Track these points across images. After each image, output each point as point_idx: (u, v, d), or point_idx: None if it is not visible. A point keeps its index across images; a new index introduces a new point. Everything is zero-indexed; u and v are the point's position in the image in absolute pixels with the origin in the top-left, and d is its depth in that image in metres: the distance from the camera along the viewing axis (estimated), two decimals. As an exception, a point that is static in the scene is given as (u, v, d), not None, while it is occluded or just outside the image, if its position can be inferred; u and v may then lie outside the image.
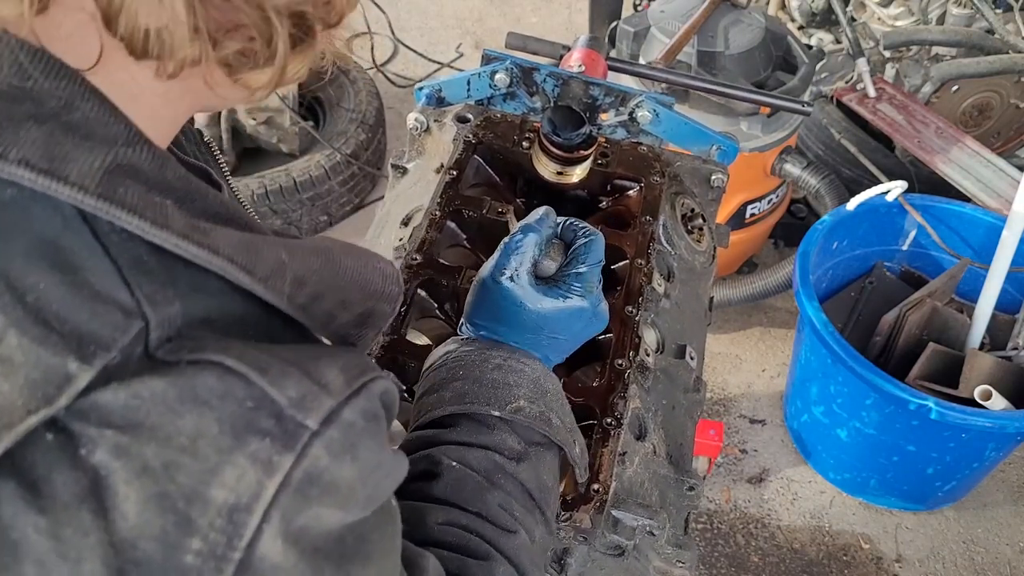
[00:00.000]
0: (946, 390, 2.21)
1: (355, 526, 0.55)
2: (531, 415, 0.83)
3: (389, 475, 0.58)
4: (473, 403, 0.83)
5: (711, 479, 2.55)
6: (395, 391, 0.60)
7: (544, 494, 0.84)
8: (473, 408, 0.83)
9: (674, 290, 1.23)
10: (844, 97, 2.81)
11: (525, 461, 0.83)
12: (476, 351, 0.87)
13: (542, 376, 0.87)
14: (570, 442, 0.87)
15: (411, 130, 1.37)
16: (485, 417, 0.83)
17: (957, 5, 3.00)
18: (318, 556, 0.52)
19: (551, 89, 1.21)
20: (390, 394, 0.59)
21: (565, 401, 0.90)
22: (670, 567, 0.98)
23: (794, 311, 2.61)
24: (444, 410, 0.83)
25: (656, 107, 1.24)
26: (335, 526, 0.53)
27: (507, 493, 0.81)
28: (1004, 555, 2.45)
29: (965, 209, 2.53)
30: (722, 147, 1.35)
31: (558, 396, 0.89)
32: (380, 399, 0.57)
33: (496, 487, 0.80)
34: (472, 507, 0.79)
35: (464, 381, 0.85)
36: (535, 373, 0.87)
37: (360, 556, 0.56)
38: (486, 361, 0.86)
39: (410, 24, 4.21)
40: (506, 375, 0.85)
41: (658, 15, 2.52)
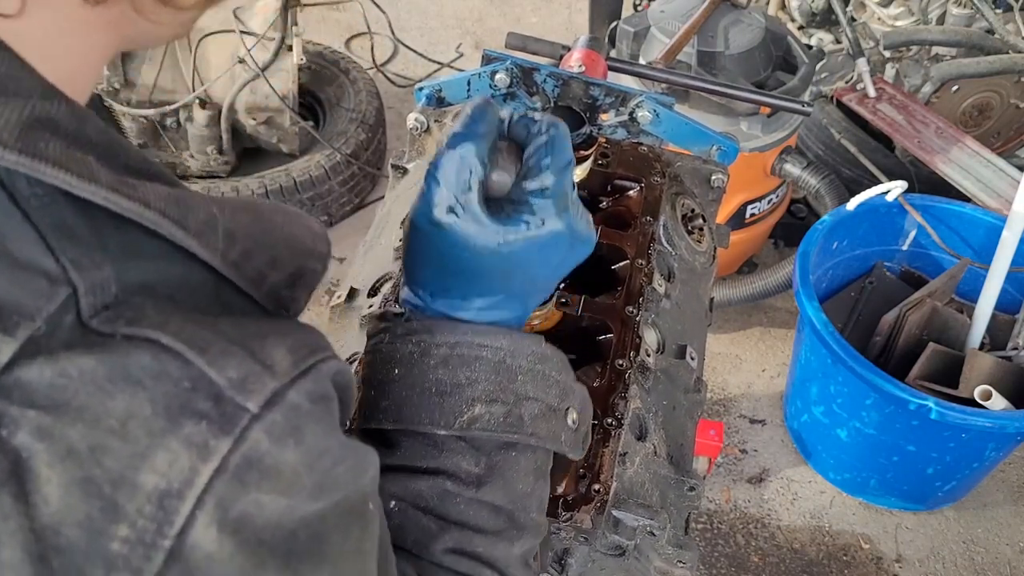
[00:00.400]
0: (946, 390, 2.21)
1: (310, 522, 0.50)
2: (492, 423, 0.67)
3: (342, 463, 0.52)
4: (412, 421, 0.67)
5: (711, 479, 2.55)
6: (349, 372, 0.55)
7: (520, 502, 0.70)
8: (413, 427, 0.67)
9: (674, 290, 1.23)
10: (844, 97, 2.81)
11: (489, 480, 0.68)
12: (414, 338, 0.69)
13: (509, 353, 0.69)
14: (553, 432, 0.70)
15: (411, 130, 1.37)
16: (430, 436, 0.68)
17: (957, 5, 3.00)
18: (261, 549, 0.48)
19: (551, 89, 1.21)
20: (344, 375, 0.54)
21: (548, 364, 0.71)
22: (671, 567, 0.98)
23: (794, 311, 2.61)
24: (379, 423, 0.68)
25: (656, 107, 1.24)
26: (283, 518, 0.49)
27: (464, 527, 0.68)
28: (1004, 555, 2.45)
29: (965, 209, 2.53)
30: (722, 147, 1.35)
31: (534, 367, 0.70)
32: (332, 380, 0.53)
33: (450, 526, 0.67)
34: (423, 556, 0.67)
35: (400, 385, 0.68)
36: (498, 353, 0.68)
37: (314, 556, 0.51)
38: (427, 355, 0.68)
39: (410, 24, 4.21)
40: (455, 372, 0.67)
41: (658, 15, 2.52)
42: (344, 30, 4.14)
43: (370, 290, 1.16)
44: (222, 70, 2.98)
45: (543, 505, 0.74)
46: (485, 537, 0.68)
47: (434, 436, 0.67)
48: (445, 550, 0.67)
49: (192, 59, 3.00)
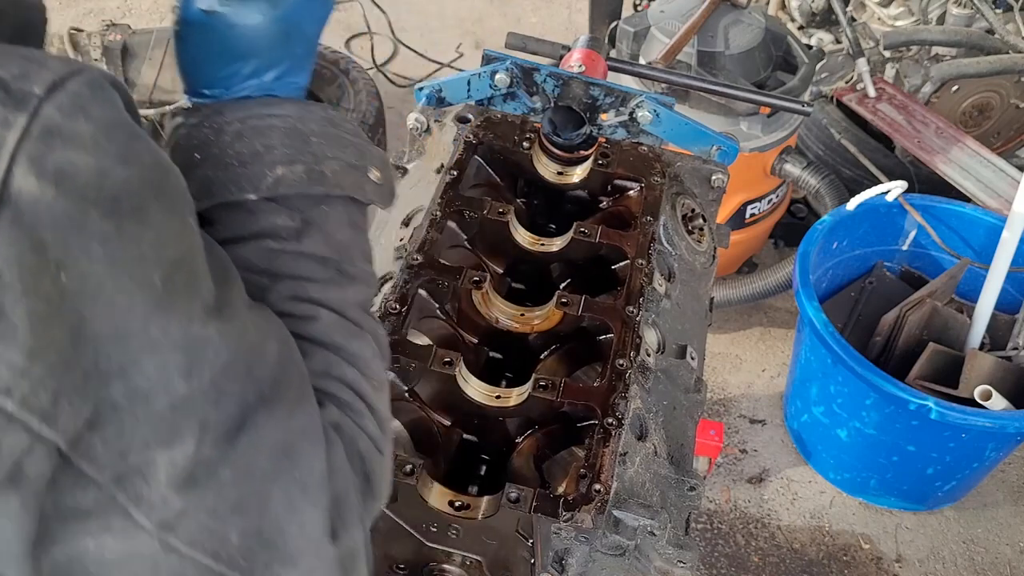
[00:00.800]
0: (946, 390, 2.21)
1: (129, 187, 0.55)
2: (296, 181, 0.71)
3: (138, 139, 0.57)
4: (222, 195, 0.70)
5: (711, 479, 2.55)
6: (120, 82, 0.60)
7: (343, 252, 0.75)
8: (224, 198, 0.71)
9: (675, 290, 1.23)
10: (844, 97, 2.81)
11: (307, 233, 0.72)
12: (206, 122, 0.73)
13: (298, 119, 0.73)
14: (357, 183, 0.75)
15: (411, 130, 1.37)
16: (242, 204, 0.71)
17: (957, 5, 3.00)
18: (84, 202, 0.53)
19: (551, 89, 1.21)
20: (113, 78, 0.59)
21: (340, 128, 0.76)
22: (671, 567, 0.98)
23: (794, 311, 2.61)
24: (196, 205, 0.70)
25: (656, 107, 1.24)
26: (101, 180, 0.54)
27: (296, 278, 0.72)
28: (1004, 555, 2.45)
29: (965, 209, 2.53)
30: (722, 147, 1.35)
31: (326, 130, 0.74)
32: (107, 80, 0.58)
33: (282, 279, 0.71)
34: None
35: (203, 167, 0.71)
36: (288, 120, 0.73)
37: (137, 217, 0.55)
38: (221, 132, 0.72)
39: (410, 24, 4.21)
40: (251, 142, 0.71)
41: (658, 15, 2.52)
42: (344, 30, 4.13)
43: (370, 290, 1.16)
44: (222, 70, 2.98)
45: (368, 256, 0.78)
46: (316, 284, 0.73)
47: (246, 203, 0.71)
48: (281, 298, 0.71)
49: (192, 59, 3.00)
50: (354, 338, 0.75)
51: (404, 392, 1.06)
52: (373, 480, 0.72)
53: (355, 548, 0.70)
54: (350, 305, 0.75)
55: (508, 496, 0.92)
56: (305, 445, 0.66)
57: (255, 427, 0.62)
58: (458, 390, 1.04)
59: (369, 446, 0.73)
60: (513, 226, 1.21)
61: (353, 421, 0.72)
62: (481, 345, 1.18)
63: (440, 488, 0.97)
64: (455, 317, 1.17)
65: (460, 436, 1.11)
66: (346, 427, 0.71)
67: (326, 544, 0.67)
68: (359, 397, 0.74)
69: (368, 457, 0.72)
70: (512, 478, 1.05)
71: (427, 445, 1.09)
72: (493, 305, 1.15)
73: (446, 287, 1.14)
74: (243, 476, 0.62)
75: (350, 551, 0.69)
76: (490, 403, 1.05)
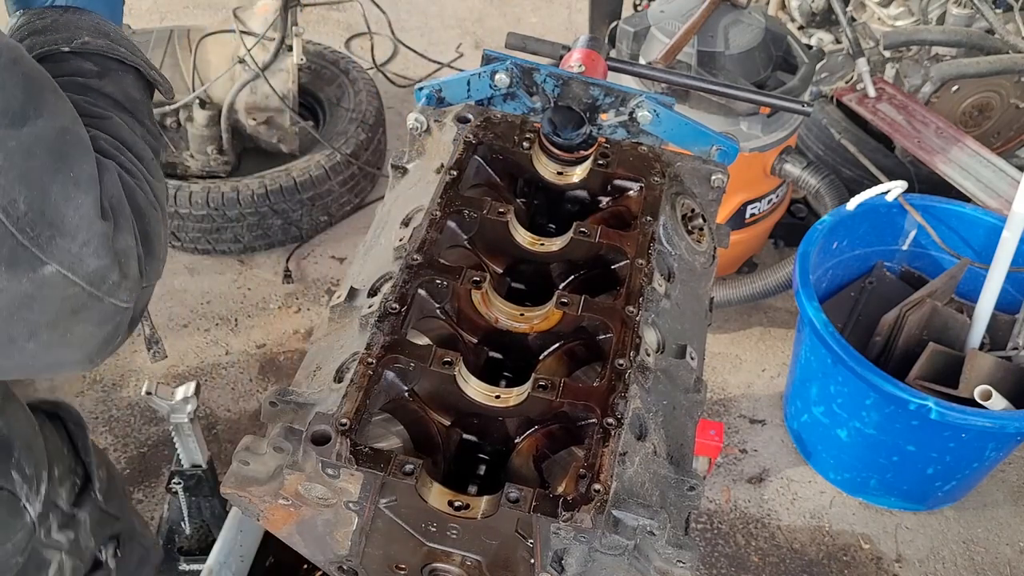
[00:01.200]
0: (946, 390, 2.21)
1: None
2: (100, 46, 1.04)
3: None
4: (41, 48, 1.02)
5: (711, 479, 2.55)
6: None
7: (135, 105, 1.06)
8: (43, 51, 1.02)
9: (674, 290, 1.23)
10: (844, 97, 2.81)
11: (107, 78, 1.04)
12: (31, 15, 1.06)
13: (100, 23, 1.07)
14: (145, 64, 1.08)
15: (411, 130, 1.37)
16: (56, 55, 1.02)
17: (957, 5, 3.00)
18: None
19: (551, 89, 1.21)
20: None
21: (133, 43, 1.10)
22: (670, 567, 0.98)
23: (794, 311, 2.61)
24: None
25: (656, 107, 1.24)
26: None
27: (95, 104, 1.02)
28: (1004, 555, 2.45)
29: (965, 209, 2.53)
30: (722, 147, 1.35)
31: (121, 37, 1.08)
32: None
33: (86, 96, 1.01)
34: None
35: (29, 38, 1.03)
36: (92, 21, 1.06)
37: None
38: (41, 17, 1.04)
39: (410, 24, 4.21)
40: (64, 26, 1.04)
41: (658, 15, 2.52)
42: (344, 30, 4.14)
43: (370, 290, 1.16)
44: (222, 70, 2.98)
45: (153, 118, 1.11)
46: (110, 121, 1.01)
47: (59, 55, 1.02)
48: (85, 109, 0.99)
49: (192, 59, 3.00)
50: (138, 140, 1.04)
51: (404, 392, 1.06)
52: (151, 235, 0.99)
53: (128, 250, 0.94)
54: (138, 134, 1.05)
55: (508, 496, 0.92)
56: (78, 153, 0.90)
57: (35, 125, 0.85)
58: (458, 390, 1.04)
59: (146, 202, 0.99)
60: (513, 226, 1.21)
61: (132, 180, 0.99)
62: (481, 345, 1.18)
63: (440, 488, 0.97)
64: (455, 317, 1.17)
65: (460, 436, 1.11)
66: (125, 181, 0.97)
67: (98, 222, 0.89)
68: (138, 169, 1.01)
69: (145, 212, 0.98)
70: (512, 478, 1.05)
71: (427, 445, 1.09)
72: (493, 305, 1.15)
73: (446, 287, 1.14)
74: (26, 154, 0.84)
75: (124, 250, 0.93)
76: (490, 403, 1.05)
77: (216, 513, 2.20)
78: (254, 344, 2.86)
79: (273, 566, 1.82)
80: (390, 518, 0.99)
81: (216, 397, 2.69)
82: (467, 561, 1.01)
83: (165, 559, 2.21)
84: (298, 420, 1.02)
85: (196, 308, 2.96)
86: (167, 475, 2.22)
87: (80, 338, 0.95)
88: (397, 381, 1.05)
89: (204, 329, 2.90)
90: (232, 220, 2.94)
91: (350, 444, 0.94)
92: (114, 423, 2.61)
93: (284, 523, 1.06)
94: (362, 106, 3.23)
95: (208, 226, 2.95)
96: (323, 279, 3.08)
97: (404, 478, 0.93)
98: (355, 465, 0.93)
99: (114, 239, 0.92)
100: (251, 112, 3.04)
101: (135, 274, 0.96)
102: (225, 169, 3.11)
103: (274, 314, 2.96)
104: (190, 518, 2.19)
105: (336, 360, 1.09)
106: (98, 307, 0.93)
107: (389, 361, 1.03)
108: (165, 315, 2.92)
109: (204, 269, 3.05)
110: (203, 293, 3.00)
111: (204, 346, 2.85)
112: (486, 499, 0.96)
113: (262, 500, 1.03)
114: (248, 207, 2.92)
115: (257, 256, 3.13)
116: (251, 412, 2.66)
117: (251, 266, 3.11)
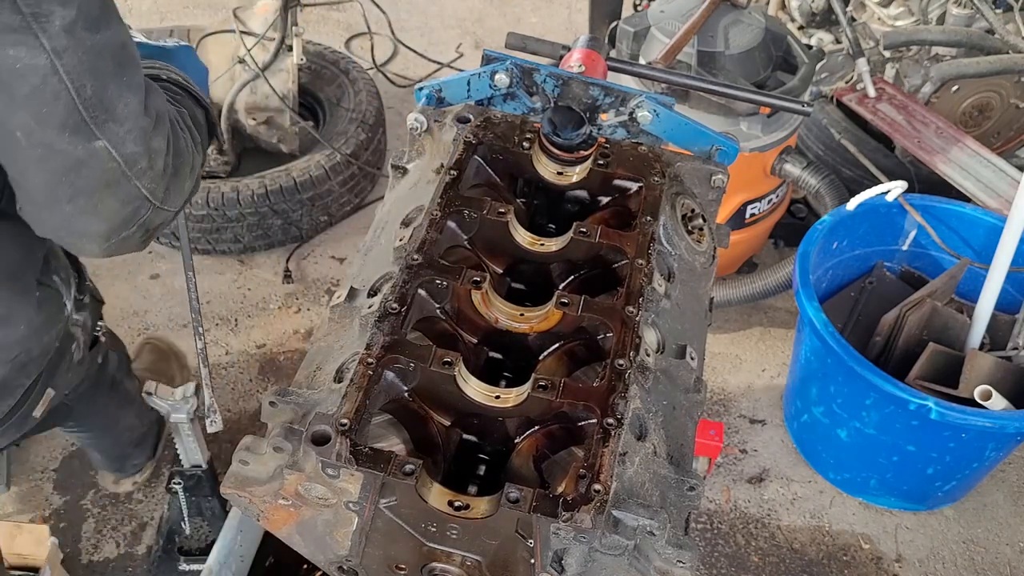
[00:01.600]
0: (946, 390, 2.21)
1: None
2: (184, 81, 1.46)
3: None
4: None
5: (711, 479, 2.55)
6: None
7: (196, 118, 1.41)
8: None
9: (674, 290, 1.23)
10: (844, 97, 2.81)
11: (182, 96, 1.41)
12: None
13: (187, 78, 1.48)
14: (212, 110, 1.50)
15: (411, 130, 1.37)
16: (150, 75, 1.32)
17: (957, 5, 3.00)
18: None
19: (551, 89, 1.21)
20: None
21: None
22: (670, 567, 0.98)
23: (794, 311, 2.61)
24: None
25: (656, 107, 1.24)
26: None
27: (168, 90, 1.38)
28: (1004, 555, 2.45)
29: (965, 209, 2.53)
30: (722, 147, 1.35)
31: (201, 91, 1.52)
32: None
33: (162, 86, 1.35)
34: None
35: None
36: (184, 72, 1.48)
37: None
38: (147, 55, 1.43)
39: (410, 24, 4.21)
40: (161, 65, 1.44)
41: (658, 15, 2.52)
42: (344, 30, 4.14)
43: (370, 290, 1.16)
44: (222, 70, 2.98)
45: (205, 138, 1.47)
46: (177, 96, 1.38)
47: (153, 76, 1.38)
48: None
49: (192, 59, 3.00)
50: (192, 120, 1.37)
51: (404, 392, 1.06)
52: (182, 162, 1.29)
53: (159, 150, 1.22)
54: (195, 120, 1.40)
55: (508, 496, 0.92)
56: (131, 65, 1.19)
57: (105, 34, 1.14)
58: (458, 390, 1.04)
59: (185, 143, 1.30)
60: (513, 226, 1.21)
61: (179, 127, 1.30)
62: (481, 345, 1.18)
63: (439, 488, 0.97)
64: (455, 317, 1.17)
65: (460, 436, 1.11)
66: (173, 120, 1.28)
67: (142, 118, 1.19)
68: (188, 127, 1.33)
69: (181, 147, 1.28)
70: (512, 478, 1.05)
71: (427, 445, 1.09)
72: (493, 305, 1.15)
73: (446, 287, 1.14)
74: (97, 55, 1.12)
75: (156, 148, 1.22)
76: (490, 403, 1.05)
77: (216, 513, 2.20)
78: (254, 344, 2.86)
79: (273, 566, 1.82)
80: (390, 518, 0.99)
81: (216, 397, 2.68)
82: (467, 561, 1.01)
83: (165, 559, 2.21)
84: (298, 420, 1.02)
85: (196, 308, 2.96)
86: (167, 475, 2.22)
87: (106, 211, 1.21)
88: (397, 381, 1.05)
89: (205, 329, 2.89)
90: (232, 220, 2.94)
91: (350, 444, 0.94)
92: (114, 423, 2.61)
93: (284, 523, 1.06)
94: (362, 106, 3.23)
95: (208, 226, 2.95)
96: (323, 279, 3.08)
97: (404, 478, 0.93)
98: (355, 465, 0.93)
99: (151, 136, 1.20)
100: (251, 112, 3.04)
101: (160, 169, 1.23)
102: (225, 169, 3.11)
103: (274, 314, 2.96)
104: (190, 518, 2.19)
105: (336, 360, 1.09)
106: (126, 186, 1.20)
107: (389, 361, 1.04)
108: (165, 315, 2.92)
109: (204, 269, 3.05)
110: (203, 293, 3.00)
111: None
112: (486, 499, 0.96)
113: (262, 500, 1.03)
114: (248, 207, 2.92)
115: (257, 256, 3.13)
116: (251, 412, 2.66)
117: (251, 266, 3.11)
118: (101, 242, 1.26)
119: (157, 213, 1.27)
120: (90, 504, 2.44)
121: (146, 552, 2.34)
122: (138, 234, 1.28)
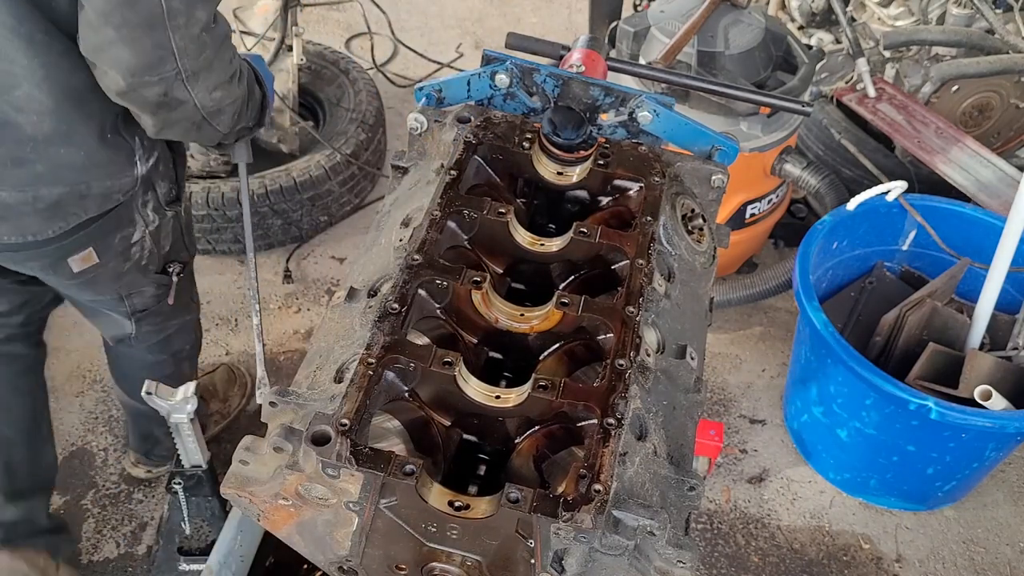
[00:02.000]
0: (946, 390, 2.21)
1: None
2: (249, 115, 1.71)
3: None
4: None
5: (711, 479, 2.55)
6: None
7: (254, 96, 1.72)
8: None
9: (674, 290, 1.23)
10: (844, 97, 2.81)
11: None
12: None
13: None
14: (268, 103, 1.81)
15: (411, 130, 1.37)
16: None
17: (957, 5, 3.00)
18: None
19: (551, 89, 1.22)
20: None
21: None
22: (670, 567, 0.98)
23: (794, 311, 2.61)
24: None
25: (656, 107, 1.24)
26: None
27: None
28: (1004, 555, 2.45)
29: (965, 209, 2.53)
30: (722, 147, 1.35)
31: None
32: None
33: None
34: None
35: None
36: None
37: None
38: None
39: (410, 24, 4.21)
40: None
41: (658, 15, 2.52)
42: (344, 30, 4.14)
43: (370, 290, 1.16)
44: (222, 70, 2.98)
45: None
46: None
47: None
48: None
49: (192, 59, 3.00)
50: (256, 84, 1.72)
51: (404, 392, 1.06)
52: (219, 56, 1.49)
53: (198, 22, 1.40)
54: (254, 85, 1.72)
55: (508, 496, 0.92)
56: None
57: None
58: (458, 390, 1.04)
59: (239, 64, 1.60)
60: (513, 226, 1.21)
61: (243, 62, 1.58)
62: (481, 345, 1.18)
63: (440, 488, 0.97)
64: (455, 317, 1.17)
65: (460, 436, 1.12)
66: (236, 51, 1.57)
67: (211, 26, 1.43)
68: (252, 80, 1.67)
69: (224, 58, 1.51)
70: (512, 478, 1.05)
71: (427, 445, 1.09)
72: (493, 305, 1.15)
73: (446, 287, 1.14)
74: None
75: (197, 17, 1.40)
76: (490, 403, 1.05)
77: (216, 513, 2.20)
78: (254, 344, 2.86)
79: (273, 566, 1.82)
80: (390, 518, 0.99)
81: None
82: (467, 561, 1.01)
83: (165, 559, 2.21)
84: (298, 420, 1.02)
85: (196, 308, 2.96)
86: (167, 475, 2.22)
87: (139, 47, 1.38)
88: (397, 381, 1.05)
89: (204, 329, 2.90)
90: (232, 220, 2.94)
91: (350, 444, 0.94)
92: (114, 423, 2.61)
93: (284, 523, 1.06)
94: (362, 106, 3.23)
95: (208, 226, 2.95)
96: (323, 279, 3.08)
97: (404, 478, 0.93)
98: (355, 465, 0.93)
99: (196, 5, 1.38)
100: (251, 112, 3.04)
101: (194, 34, 1.40)
102: (225, 169, 3.11)
103: (274, 314, 2.96)
104: (190, 518, 2.19)
105: (336, 360, 1.09)
106: (160, 32, 1.37)
107: (389, 361, 1.04)
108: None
109: (204, 269, 3.05)
110: (203, 293, 2.99)
111: (204, 346, 2.84)
112: (486, 499, 0.96)
113: (262, 500, 1.03)
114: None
115: (257, 256, 3.12)
116: (251, 412, 2.66)
117: (251, 266, 3.11)
118: (127, 76, 1.40)
119: (179, 88, 1.44)
120: (90, 504, 2.44)
121: (146, 552, 2.34)
122: (157, 89, 1.42)
